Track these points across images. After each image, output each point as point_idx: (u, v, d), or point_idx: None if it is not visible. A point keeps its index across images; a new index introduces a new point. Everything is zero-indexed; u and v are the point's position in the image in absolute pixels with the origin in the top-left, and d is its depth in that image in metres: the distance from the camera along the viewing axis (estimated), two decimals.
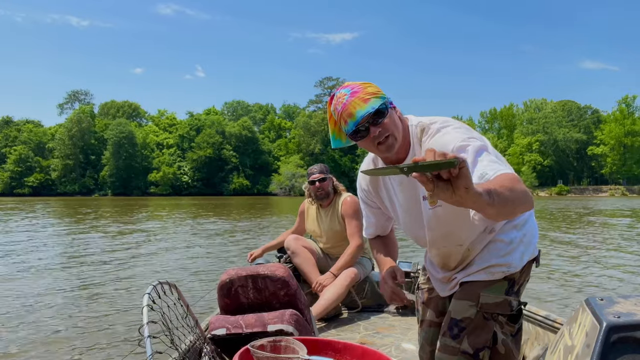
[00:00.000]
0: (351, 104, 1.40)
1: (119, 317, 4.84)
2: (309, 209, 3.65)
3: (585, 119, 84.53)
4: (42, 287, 6.32)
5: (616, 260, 8.34)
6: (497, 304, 1.51)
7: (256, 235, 13.09)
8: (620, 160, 77.30)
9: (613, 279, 6.68)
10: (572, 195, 71.70)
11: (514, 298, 1.52)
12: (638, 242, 11.20)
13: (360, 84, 1.45)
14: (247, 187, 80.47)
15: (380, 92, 1.44)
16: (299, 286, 2.31)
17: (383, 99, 1.42)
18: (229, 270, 2.25)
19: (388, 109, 1.43)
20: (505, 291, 1.51)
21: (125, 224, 17.55)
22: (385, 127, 1.42)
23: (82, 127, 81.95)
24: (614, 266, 7.69)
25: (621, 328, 1.23)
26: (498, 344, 1.50)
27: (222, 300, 2.25)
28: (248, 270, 2.23)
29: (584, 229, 14.79)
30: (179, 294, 2.00)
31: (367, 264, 3.49)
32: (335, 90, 1.52)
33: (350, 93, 1.42)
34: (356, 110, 1.40)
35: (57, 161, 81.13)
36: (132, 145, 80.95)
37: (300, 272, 3.42)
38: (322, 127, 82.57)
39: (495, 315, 1.50)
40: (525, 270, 1.57)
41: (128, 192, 79.07)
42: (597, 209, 27.25)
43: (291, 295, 2.25)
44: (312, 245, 3.54)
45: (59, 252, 9.75)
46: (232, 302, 2.24)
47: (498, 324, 1.50)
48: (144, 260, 8.71)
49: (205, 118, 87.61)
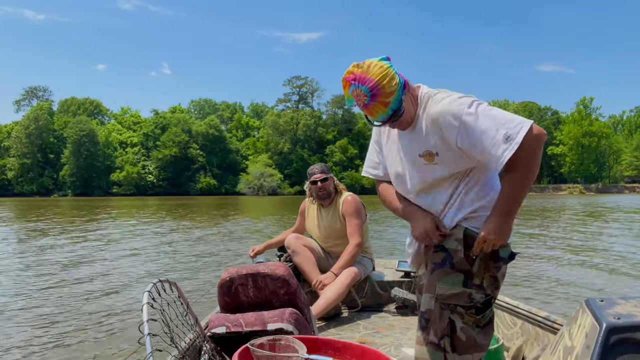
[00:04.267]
0: (373, 108, 1.50)
1: (118, 315, 4.83)
2: (309, 208, 3.63)
3: (546, 120, 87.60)
4: (36, 286, 6.21)
5: (617, 260, 8.41)
6: (453, 295, 1.54)
7: (250, 235, 12.93)
8: (578, 159, 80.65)
9: (614, 280, 6.73)
10: (533, 193, 74.16)
11: (475, 291, 1.54)
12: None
13: (377, 79, 1.46)
14: (214, 187, 79.39)
15: (395, 88, 1.48)
16: (299, 285, 2.29)
17: (398, 98, 1.50)
18: (229, 269, 2.21)
19: (402, 104, 1.52)
20: (462, 283, 1.54)
21: (114, 224, 17.01)
22: (400, 120, 1.57)
23: (40, 125, 78.78)
24: (615, 267, 7.72)
25: (621, 329, 1.25)
26: (457, 332, 1.54)
27: (222, 298, 2.21)
28: (248, 268, 2.20)
29: (573, 228, 15.28)
30: (179, 292, 1.95)
31: (367, 263, 3.48)
32: (351, 75, 1.49)
33: (371, 95, 1.47)
34: (378, 114, 1.52)
35: (14, 160, 77.72)
36: (93, 143, 78.42)
37: (300, 271, 3.38)
38: (291, 126, 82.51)
39: (452, 305, 1.54)
40: (486, 263, 1.55)
41: (89, 192, 76.57)
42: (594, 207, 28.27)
43: (291, 294, 2.23)
44: (313, 244, 3.51)
45: (50, 255, 9.35)
46: (232, 300, 2.20)
47: (457, 314, 1.54)
48: (143, 259, 8.58)
49: (170, 116, 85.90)
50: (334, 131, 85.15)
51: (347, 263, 3.28)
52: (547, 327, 2.28)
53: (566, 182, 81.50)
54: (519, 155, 1.43)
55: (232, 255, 9.03)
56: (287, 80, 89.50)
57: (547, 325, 2.29)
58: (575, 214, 21.73)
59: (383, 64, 1.49)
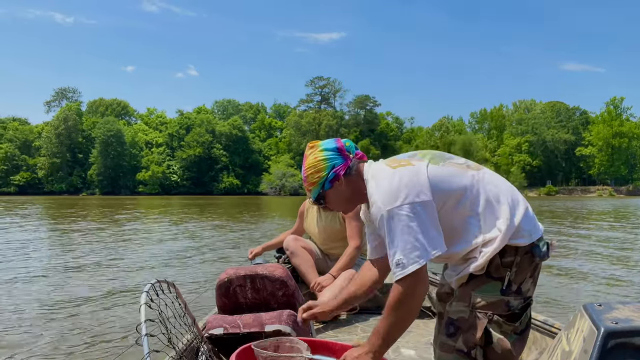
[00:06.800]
0: (306, 188, 1.66)
1: (116, 315, 4.83)
2: (309, 209, 3.63)
3: (574, 120, 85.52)
4: (35, 286, 6.26)
5: (617, 265, 8.31)
6: (491, 303, 1.49)
7: (254, 234, 13.02)
8: (608, 161, 78.40)
9: (612, 285, 6.64)
10: (561, 195, 72.58)
11: (513, 297, 1.50)
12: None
13: (306, 168, 1.62)
14: (237, 187, 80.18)
15: (317, 181, 1.60)
16: (297, 287, 2.30)
17: (317, 190, 1.61)
18: (228, 270, 2.23)
19: (327, 190, 1.61)
20: (500, 291, 1.49)
21: (118, 222, 17.38)
22: (328, 206, 1.69)
23: (69, 125, 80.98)
24: (613, 272, 7.63)
25: (619, 334, 1.22)
26: (494, 343, 1.49)
27: (220, 299, 2.22)
28: (247, 270, 2.21)
29: (580, 231, 14.92)
30: (177, 293, 1.97)
31: None
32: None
33: (304, 178, 1.65)
34: (309, 193, 1.67)
35: (44, 159, 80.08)
36: (120, 143, 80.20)
37: (298, 272, 3.39)
38: (313, 126, 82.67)
39: (489, 315, 1.49)
40: (522, 266, 1.51)
41: (116, 191, 78.36)
42: (594, 209, 27.57)
43: (289, 296, 2.23)
44: (311, 245, 3.51)
45: (51, 252, 9.63)
46: (230, 301, 2.22)
47: (495, 324, 1.49)
48: (142, 258, 8.65)
49: (195, 117, 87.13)
50: (356, 131, 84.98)
51: (345, 265, 3.27)
52: (545, 332, 2.25)
53: (595, 184, 79.38)
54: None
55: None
56: (309, 81, 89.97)
57: (545, 329, 2.26)
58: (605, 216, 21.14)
59: (318, 155, 1.60)
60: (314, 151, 1.61)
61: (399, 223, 1.41)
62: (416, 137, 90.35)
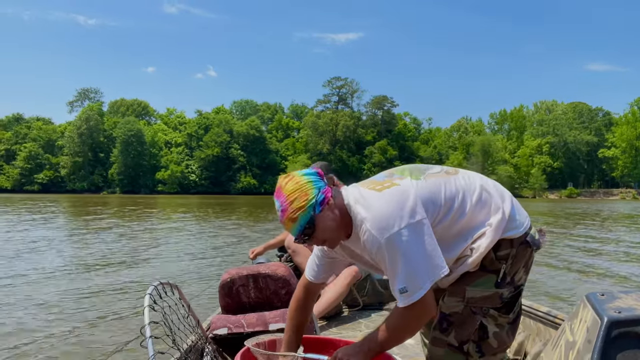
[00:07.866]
0: (285, 224, 1.45)
1: (120, 317, 4.84)
2: None
3: (597, 121, 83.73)
4: (43, 286, 6.34)
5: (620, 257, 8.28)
6: (486, 297, 1.49)
7: (261, 233, 13.09)
8: (631, 163, 76.48)
9: (615, 275, 6.61)
10: (582, 198, 71.14)
11: (507, 289, 1.49)
12: None
13: (287, 195, 1.43)
14: (254, 187, 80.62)
15: (305, 204, 1.41)
16: None
17: (307, 215, 1.42)
18: (230, 270, 2.25)
19: (317, 214, 1.42)
20: (495, 284, 1.49)
21: (132, 222, 17.64)
22: (314, 241, 1.49)
23: (91, 125, 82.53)
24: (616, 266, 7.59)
25: (622, 323, 1.23)
26: (489, 337, 1.49)
27: (224, 299, 2.24)
28: (249, 269, 2.22)
29: (588, 227, 14.63)
30: (180, 294, 1.99)
31: None
32: (276, 188, 1.50)
33: (281, 211, 1.44)
34: (290, 230, 1.47)
35: (67, 158, 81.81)
36: (140, 143, 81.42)
37: (301, 271, 3.38)
38: (331, 127, 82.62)
39: (484, 309, 1.49)
40: (517, 257, 1.50)
41: (136, 189, 79.54)
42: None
43: (292, 294, 2.23)
44: None
45: (62, 251, 9.81)
46: (233, 301, 2.23)
47: (490, 318, 1.49)
48: (145, 259, 8.76)
49: (213, 117, 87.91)
50: (373, 132, 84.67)
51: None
52: (549, 323, 2.24)
53: (618, 187, 77.56)
54: None
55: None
56: (326, 81, 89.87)
57: (548, 320, 2.25)
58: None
59: (300, 179, 1.44)
60: (293, 179, 1.46)
61: (399, 249, 1.36)
62: (434, 138, 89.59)
